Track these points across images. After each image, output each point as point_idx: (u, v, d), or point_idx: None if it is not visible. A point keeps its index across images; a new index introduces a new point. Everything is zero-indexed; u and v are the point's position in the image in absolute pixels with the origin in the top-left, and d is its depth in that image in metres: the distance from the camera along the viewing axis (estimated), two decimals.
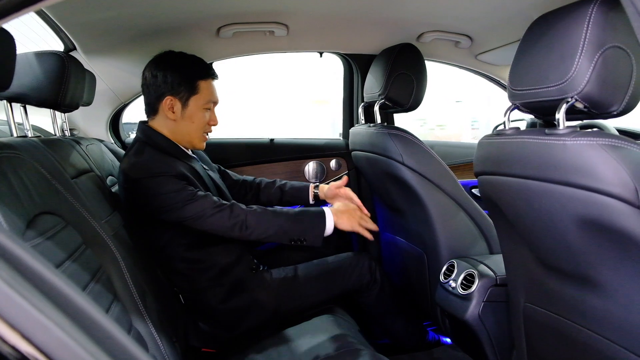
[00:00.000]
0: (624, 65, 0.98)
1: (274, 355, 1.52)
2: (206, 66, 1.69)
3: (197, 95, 1.63)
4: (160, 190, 1.48)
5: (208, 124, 1.69)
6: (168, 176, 1.50)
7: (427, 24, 2.06)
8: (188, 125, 1.65)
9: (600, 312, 1.10)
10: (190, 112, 1.63)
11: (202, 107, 1.65)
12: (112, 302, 1.12)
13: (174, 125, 1.64)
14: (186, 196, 1.50)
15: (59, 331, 0.49)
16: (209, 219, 1.51)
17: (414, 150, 1.84)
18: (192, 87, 1.62)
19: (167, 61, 1.63)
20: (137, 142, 1.63)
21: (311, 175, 2.58)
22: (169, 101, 1.61)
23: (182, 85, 1.61)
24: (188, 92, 1.62)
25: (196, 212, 1.50)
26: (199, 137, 1.69)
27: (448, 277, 1.75)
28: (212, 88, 1.68)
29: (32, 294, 0.50)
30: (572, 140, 0.97)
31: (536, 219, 1.15)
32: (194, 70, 1.64)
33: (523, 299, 1.39)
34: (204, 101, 1.64)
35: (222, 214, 1.52)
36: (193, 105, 1.63)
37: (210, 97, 1.66)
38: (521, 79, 1.13)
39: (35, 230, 0.92)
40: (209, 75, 1.66)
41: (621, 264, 1.01)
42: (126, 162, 1.57)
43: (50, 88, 1.44)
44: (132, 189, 1.52)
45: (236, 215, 1.54)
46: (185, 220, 1.50)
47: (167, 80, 1.60)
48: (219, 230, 1.53)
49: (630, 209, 0.91)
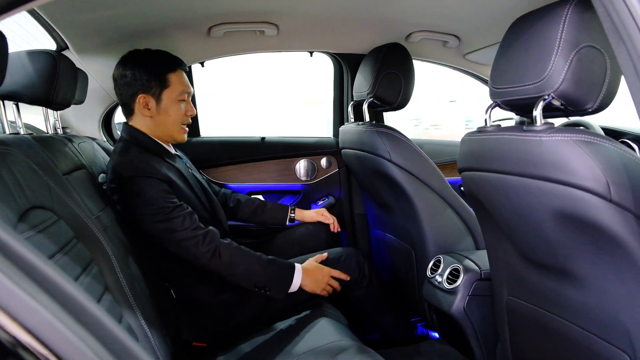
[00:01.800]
0: (598, 64, 1.01)
1: (264, 349, 1.55)
2: (173, 58, 1.70)
3: (168, 88, 1.65)
4: (144, 194, 1.50)
5: (185, 115, 1.70)
6: (153, 179, 1.52)
7: (415, 24, 2.09)
8: (165, 119, 1.66)
9: (578, 304, 1.14)
10: (165, 106, 1.65)
11: (176, 99, 1.66)
12: (103, 295, 1.14)
13: (152, 122, 1.66)
14: (165, 208, 1.51)
15: (48, 314, 0.51)
16: (182, 242, 1.52)
17: (402, 148, 1.87)
18: (163, 81, 1.64)
19: (134, 60, 1.65)
20: (121, 141, 1.65)
21: (302, 173, 2.61)
22: (143, 99, 1.63)
23: (152, 81, 1.63)
24: (159, 87, 1.64)
25: (169, 232, 1.51)
26: (177, 129, 1.70)
27: (435, 272, 1.78)
28: (183, 79, 1.69)
29: (23, 280, 0.52)
30: (547, 136, 1.00)
31: (515, 213, 1.18)
32: (161, 65, 1.65)
33: (506, 292, 1.42)
34: (177, 93, 1.66)
35: (195, 240, 1.53)
36: (166, 99, 1.65)
37: (182, 87, 1.67)
38: (501, 78, 1.16)
39: (27, 224, 0.94)
40: (177, 67, 1.68)
41: (597, 256, 1.04)
42: (113, 160, 1.59)
43: (42, 86, 1.46)
44: (118, 188, 1.54)
45: (209, 241, 1.55)
46: (159, 236, 1.52)
47: (136, 78, 1.62)
48: (189, 255, 1.54)
49: (602, 203, 0.94)
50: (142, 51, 1.68)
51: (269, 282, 1.60)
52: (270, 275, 1.61)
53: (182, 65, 1.70)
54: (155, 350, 1.26)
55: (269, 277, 1.60)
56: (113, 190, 1.56)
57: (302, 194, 2.60)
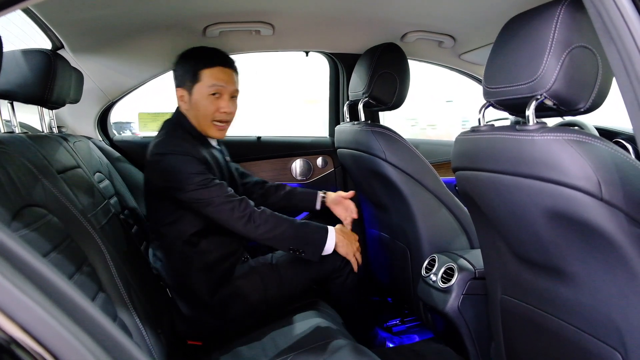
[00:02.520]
0: (590, 64, 1.02)
1: (259, 347, 1.55)
2: (210, 56, 1.73)
3: (199, 83, 1.70)
4: (181, 168, 1.57)
5: (218, 112, 1.72)
6: (192, 157, 1.60)
7: (410, 24, 2.10)
8: (196, 113, 1.72)
9: (570, 302, 1.15)
10: (195, 100, 1.71)
11: (207, 93, 1.69)
12: (97, 293, 1.14)
13: (189, 115, 1.74)
14: (202, 180, 1.57)
15: (42, 312, 0.52)
16: (218, 207, 1.58)
17: (397, 147, 1.87)
18: (195, 76, 1.69)
19: (181, 57, 1.75)
20: (169, 122, 1.75)
21: (298, 172, 2.61)
22: (179, 92, 1.73)
23: (187, 75, 1.70)
24: (191, 82, 1.70)
25: (207, 197, 1.57)
26: (208, 124, 1.73)
27: (429, 271, 1.79)
28: (219, 74, 1.71)
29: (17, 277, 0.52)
30: (540, 135, 1.01)
31: (509, 212, 1.19)
32: (198, 60, 1.71)
33: (500, 291, 1.43)
34: (207, 87, 1.69)
35: (231, 205, 1.59)
36: (197, 93, 1.70)
37: (213, 81, 1.69)
38: (495, 78, 1.17)
39: (21, 222, 0.94)
40: (213, 63, 1.71)
41: (588, 255, 1.05)
42: (159, 137, 1.68)
43: (37, 85, 1.46)
44: (156, 162, 1.61)
45: (244, 208, 1.61)
46: (195, 202, 1.57)
47: (177, 74, 1.74)
48: (224, 219, 1.60)
49: (594, 202, 0.95)
50: (193, 48, 1.78)
51: (304, 244, 1.66)
52: (305, 238, 1.67)
53: (221, 62, 1.73)
54: (150, 349, 1.26)
55: (304, 240, 1.66)
56: (151, 164, 1.63)
57: None
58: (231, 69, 1.74)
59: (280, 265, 1.79)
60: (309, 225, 1.70)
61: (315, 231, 1.70)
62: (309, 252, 1.67)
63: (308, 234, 1.68)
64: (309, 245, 1.67)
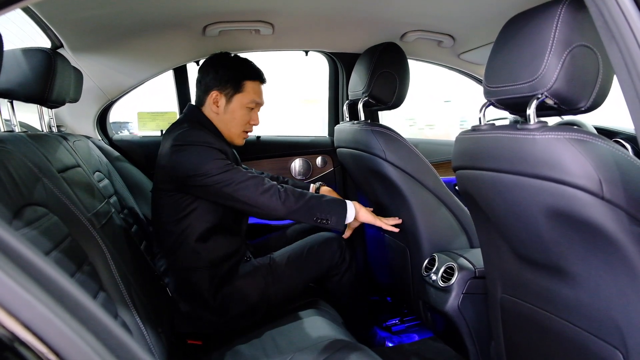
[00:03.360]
0: (590, 63, 1.02)
1: (259, 347, 1.55)
2: (255, 69, 1.80)
3: (241, 93, 1.75)
4: (205, 156, 1.60)
5: (249, 123, 1.80)
6: (214, 148, 1.63)
7: (410, 24, 2.10)
8: (229, 120, 1.76)
9: (571, 301, 1.15)
10: (232, 108, 1.75)
11: (245, 105, 1.76)
12: (98, 292, 1.14)
13: (216, 118, 1.77)
14: (225, 165, 1.61)
15: (44, 309, 0.52)
16: (243, 184, 1.61)
17: (396, 146, 1.87)
18: (238, 85, 1.74)
19: (220, 60, 1.78)
20: (187, 121, 1.74)
21: (297, 172, 2.61)
22: (215, 95, 1.75)
23: (229, 82, 1.73)
24: (233, 90, 1.74)
25: (231, 178, 1.61)
26: (238, 133, 1.80)
27: (429, 271, 1.79)
28: (259, 90, 1.80)
29: (19, 275, 0.52)
30: (541, 134, 1.01)
31: (509, 211, 1.19)
32: (242, 70, 1.76)
33: (500, 290, 1.43)
34: (248, 100, 1.76)
35: (255, 181, 1.62)
36: (236, 102, 1.75)
37: (254, 97, 1.77)
38: (495, 77, 1.17)
39: (22, 221, 0.94)
40: (256, 77, 1.78)
41: (589, 254, 1.05)
42: (178, 130, 1.67)
43: (36, 84, 1.46)
44: (179, 152, 1.62)
45: (267, 183, 1.64)
46: (221, 184, 1.59)
47: (217, 76, 1.75)
48: (250, 196, 1.62)
49: (595, 200, 0.95)
50: (230, 54, 1.80)
51: (329, 213, 1.69)
52: (328, 207, 1.69)
53: (262, 78, 1.81)
54: (150, 348, 1.26)
55: (328, 208, 1.69)
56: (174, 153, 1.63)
57: None
58: (264, 84, 1.83)
59: (279, 265, 1.79)
60: (327, 197, 1.74)
61: (336, 200, 1.73)
62: (333, 220, 1.69)
63: (330, 204, 1.71)
64: (333, 213, 1.69)
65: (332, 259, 1.84)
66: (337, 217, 1.69)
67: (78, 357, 0.52)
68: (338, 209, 1.70)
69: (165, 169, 1.67)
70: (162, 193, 1.70)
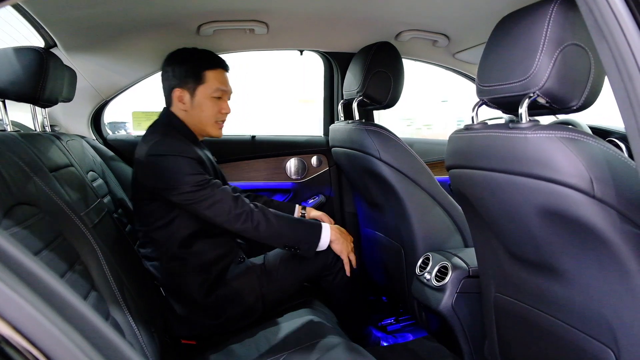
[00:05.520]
0: (582, 62, 1.02)
1: (253, 346, 1.55)
2: (214, 57, 1.77)
3: (204, 85, 1.71)
4: (179, 169, 1.56)
5: (220, 113, 1.76)
6: (189, 158, 1.59)
7: (404, 23, 2.10)
8: (198, 114, 1.73)
9: (563, 300, 1.15)
10: (198, 101, 1.72)
11: (210, 95, 1.72)
12: (89, 292, 1.13)
13: (186, 115, 1.74)
14: (200, 181, 1.57)
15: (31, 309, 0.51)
16: (215, 206, 1.57)
17: (391, 146, 1.87)
18: (198, 77, 1.71)
19: (177, 56, 1.75)
20: (160, 124, 1.72)
21: (292, 171, 2.61)
22: (178, 93, 1.72)
23: (189, 76, 1.70)
24: (194, 83, 1.71)
25: (204, 197, 1.56)
26: (211, 124, 1.76)
27: (423, 270, 1.79)
28: (222, 78, 1.76)
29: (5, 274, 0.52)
30: (532, 133, 1.01)
31: (502, 210, 1.19)
32: (200, 62, 1.73)
33: (494, 289, 1.43)
34: (212, 90, 1.72)
35: (228, 204, 1.58)
36: (200, 94, 1.72)
37: (218, 85, 1.73)
38: (488, 76, 1.17)
39: (12, 220, 0.94)
40: (215, 65, 1.74)
41: (581, 252, 1.05)
42: (151, 138, 1.63)
43: (28, 83, 1.45)
44: (152, 163, 1.58)
45: (241, 206, 1.60)
46: (192, 202, 1.56)
47: (175, 74, 1.72)
48: (221, 220, 1.58)
49: (586, 199, 0.95)
50: (186, 49, 1.78)
51: (299, 241, 1.66)
52: (300, 235, 1.67)
53: (224, 65, 1.77)
54: (143, 348, 1.26)
55: (299, 236, 1.66)
56: (146, 165, 1.60)
57: (293, 193, 2.60)
58: (228, 71, 1.79)
59: (273, 265, 1.78)
60: (303, 221, 1.71)
61: (310, 227, 1.70)
62: (304, 248, 1.67)
63: (303, 230, 1.68)
64: (304, 242, 1.67)
65: (326, 258, 1.83)
66: (309, 245, 1.68)
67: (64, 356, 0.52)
68: (310, 237, 1.68)
69: (139, 180, 1.65)
70: (140, 202, 1.68)
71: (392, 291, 2.23)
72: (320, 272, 1.83)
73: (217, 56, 1.78)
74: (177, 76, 1.71)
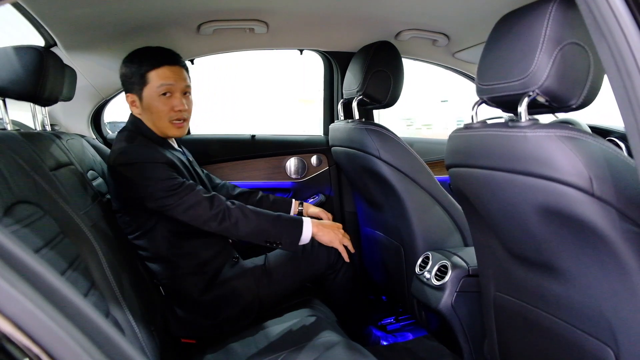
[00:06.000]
0: (581, 60, 1.02)
1: (252, 345, 1.55)
2: (159, 54, 1.69)
3: (147, 85, 1.66)
4: (150, 176, 1.53)
5: (173, 111, 1.68)
6: (158, 163, 1.55)
7: (404, 23, 2.10)
8: (150, 115, 1.68)
9: (563, 299, 1.15)
10: (146, 103, 1.67)
11: (157, 94, 1.66)
12: (89, 290, 1.13)
13: (143, 118, 1.70)
14: (172, 185, 1.53)
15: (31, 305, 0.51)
16: (191, 209, 1.54)
17: (391, 145, 1.87)
18: (142, 79, 1.66)
19: (126, 59, 1.70)
20: (126, 130, 1.69)
21: (292, 171, 2.61)
22: (129, 98, 1.70)
23: (134, 79, 1.66)
24: (139, 85, 1.66)
25: (179, 202, 1.53)
26: (166, 125, 1.69)
27: (423, 269, 1.80)
28: (166, 74, 1.66)
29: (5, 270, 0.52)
30: (532, 132, 1.01)
31: (501, 208, 1.19)
32: (144, 63, 1.66)
33: (493, 288, 1.43)
34: (155, 88, 1.65)
35: (204, 205, 1.55)
36: (147, 96, 1.67)
37: (161, 82, 1.65)
38: (487, 74, 1.17)
39: (12, 218, 0.94)
40: (158, 63, 1.66)
41: (580, 251, 1.05)
42: (118, 147, 1.61)
43: (28, 81, 1.45)
44: (121, 173, 1.56)
45: (217, 205, 1.56)
46: (167, 208, 1.53)
47: (124, 78, 1.69)
48: (198, 220, 1.55)
49: (585, 197, 0.95)
50: (137, 50, 1.71)
51: (280, 236, 1.62)
52: (280, 229, 1.62)
53: (170, 60, 1.69)
54: (142, 347, 1.26)
55: (279, 231, 1.62)
56: (117, 175, 1.58)
57: (292, 192, 2.61)
58: (178, 65, 1.71)
59: (275, 265, 1.78)
60: (282, 216, 1.66)
61: (291, 221, 1.66)
62: (286, 242, 1.63)
63: (283, 225, 1.63)
64: (285, 235, 1.62)
65: (328, 258, 1.83)
66: (290, 239, 1.63)
67: (64, 352, 0.52)
68: (290, 231, 1.63)
69: (113, 188, 1.64)
70: (121, 209, 1.65)
71: (392, 290, 2.23)
72: (324, 271, 1.83)
73: (161, 52, 1.70)
74: (126, 81, 1.68)
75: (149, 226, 1.62)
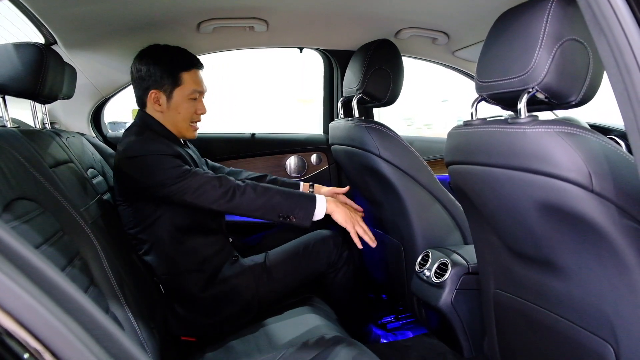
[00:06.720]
0: (581, 57, 1.02)
1: (252, 343, 1.55)
2: (189, 57, 1.72)
3: (180, 87, 1.68)
4: (157, 165, 1.53)
5: (195, 114, 1.73)
6: (166, 155, 1.56)
7: (404, 21, 2.10)
8: (175, 116, 1.70)
9: (562, 295, 1.15)
10: (175, 103, 1.69)
11: (187, 97, 1.69)
12: (89, 287, 1.14)
13: (162, 117, 1.70)
14: (180, 173, 1.54)
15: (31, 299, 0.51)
16: (200, 189, 1.53)
17: (390, 143, 1.87)
18: (175, 79, 1.67)
19: (150, 55, 1.69)
20: (135, 126, 1.69)
21: (292, 169, 2.61)
22: (154, 94, 1.68)
23: (165, 78, 1.66)
24: (171, 85, 1.67)
25: (188, 186, 1.53)
26: (186, 127, 1.73)
27: (423, 267, 1.80)
28: (197, 78, 1.72)
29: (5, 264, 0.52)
30: (531, 128, 1.01)
31: (501, 205, 1.19)
32: (176, 63, 1.68)
33: (493, 285, 1.43)
34: (188, 92, 1.69)
35: (212, 184, 1.54)
36: (177, 96, 1.68)
37: (194, 87, 1.70)
38: (487, 71, 1.17)
39: (11, 214, 0.94)
40: (192, 66, 1.70)
41: (580, 247, 1.05)
42: (127, 140, 1.62)
43: (28, 79, 1.45)
44: (129, 165, 1.56)
45: (225, 184, 1.56)
46: (177, 193, 1.53)
47: (150, 74, 1.66)
48: (208, 199, 1.54)
49: (585, 193, 0.95)
50: (159, 47, 1.72)
51: (293, 209, 1.58)
52: (293, 204, 1.59)
53: (198, 64, 1.73)
54: (142, 344, 1.26)
55: (292, 205, 1.58)
56: (124, 167, 1.58)
57: None
58: (202, 69, 1.75)
59: (275, 264, 1.78)
60: (294, 192, 1.64)
61: (304, 196, 1.63)
62: (300, 216, 1.58)
63: (297, 198, 1.60)
64: (299, 209, 1.58)
65: (329, 256, 1.82)
66: (304, 213, 1.58)
67: (65, 347, 0.52)
68: (304, 204, 1.59)
69: (120, 182, 1.64)
70: (126, 202, 1.65)
71: (392, 288, 2.23)
72: (324, 269, 1.83)
73: (191, 55, 1.74)
74: (153, 77, 1.66)
75: (153, 219, 1.62)
